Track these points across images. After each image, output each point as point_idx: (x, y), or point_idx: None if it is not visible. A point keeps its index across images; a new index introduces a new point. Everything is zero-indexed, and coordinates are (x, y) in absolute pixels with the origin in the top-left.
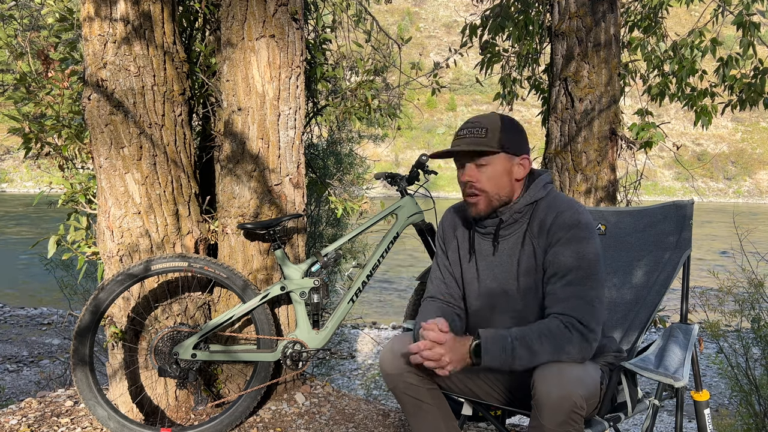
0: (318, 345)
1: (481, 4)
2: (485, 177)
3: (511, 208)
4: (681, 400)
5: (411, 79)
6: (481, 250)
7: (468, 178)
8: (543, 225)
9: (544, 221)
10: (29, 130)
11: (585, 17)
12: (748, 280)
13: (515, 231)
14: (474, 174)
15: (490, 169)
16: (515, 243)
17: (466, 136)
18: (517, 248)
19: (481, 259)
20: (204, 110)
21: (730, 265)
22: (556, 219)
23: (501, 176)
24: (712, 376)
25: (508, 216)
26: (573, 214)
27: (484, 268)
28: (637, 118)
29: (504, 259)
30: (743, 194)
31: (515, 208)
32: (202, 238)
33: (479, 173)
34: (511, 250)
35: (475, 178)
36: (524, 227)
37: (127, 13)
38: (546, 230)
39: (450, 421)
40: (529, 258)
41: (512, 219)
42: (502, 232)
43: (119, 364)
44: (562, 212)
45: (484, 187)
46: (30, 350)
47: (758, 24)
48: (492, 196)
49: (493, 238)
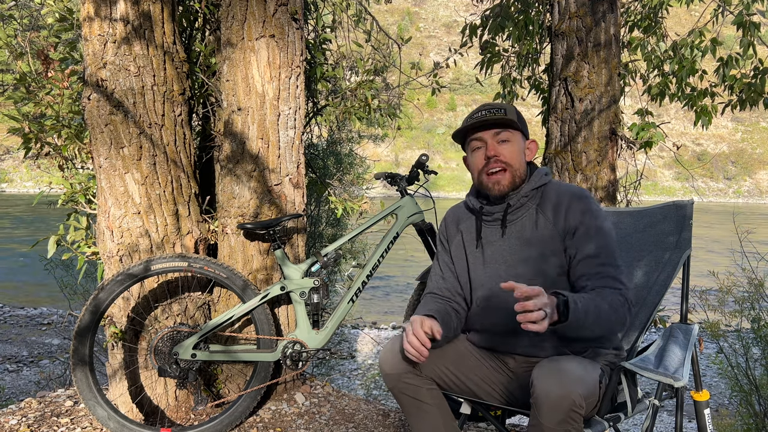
0: (318, 345)
1: (481, 4)
2: (507, 151)
3: (518, 193)
4: (681, 400)
5: (411, 79)
6: (488, 237)
7: (494, 150)
8: (558, 210)
9: (559, 206)
10: (29, 130)
11: (585, 17)
12: (748, 280)
13: (522, 215)
14: (497, 148)
15: (512, 145)
16: (524, 228)
17: (486, 115)
18: (526, 233)
19: (488, 246)
20: (204, 110)
21: (730, 265)
22: (574, 204)
23: (520, 153)
24: (712, 376)
25: (516, 200)
26: (587, 199)
27: (492, 254)
28: (637, 118)
29: (513, 243)
30: (743, 194)
31: (522, 193)
32: (202, 238)
33: (502, 147)
34: (519, 234)
35: (499, 152)
36: (532, 212)
37: (127, 13)
38: (563, 215)
39: (450, 421)
40: (541, 243)
41: (519, 203)
42: (509, 217)
43: (119, 364)
44: (577, 197)
45: (509, 160)
46: (30, 350)
47: (758, 24)
48: (515, 172)
49: (501, 223)
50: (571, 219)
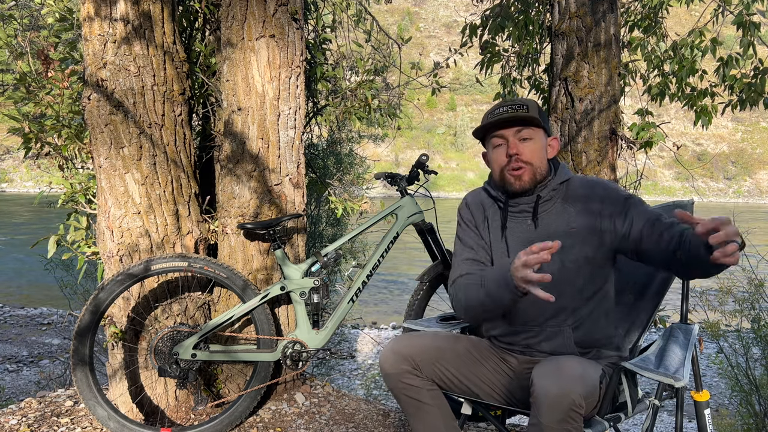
0: (318, 345)
1: (481, 4)
2: (529, 149)
3: (547, 185)
4: (681, 400)
5: (411, 79)
6: (513, 229)
7: (515, 149)
8: (591, 200)
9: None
10: (29, 130)
11: (585, 17)
12: (748, 280)
13: (549, 209)
14: (519, 147)
15: (534, 143)
16: (550, 220)
17: (509, 112)
18: (554, 224)
19: (512, 237)
20: (204, 110)
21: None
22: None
23: (541, 150)
24: (712, 376)
25: (546, 193)
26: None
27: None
28: (637, 118)
29: (541, 234)
30: (743, 194)
31: (551, 186)
32: (202, 238)
33: (523, 146)
34: (546, 226)
35: (521, 150)
36: (559, 205)
37: (127, 12)
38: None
39: (450, 421)
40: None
41: (548, 196)
42: (540, 209)
43: (119, 364)
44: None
45: (530, 159)
46: (30, 350)
47: (758, 24)
48: (536, 169)
49: (532, 215)
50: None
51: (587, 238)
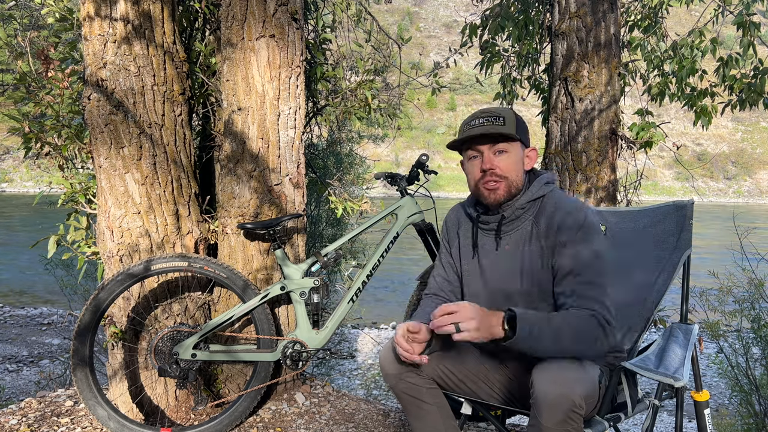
0: (318, 345)
1: (481, 4)
2: (504, 164)
3: (513, 204)
4: (681, 400)
5: (411, 79)
6: (484, 246)
7: (489, 164)
8: (551, 224)
9: (552, 220)
10: (29, 130)
11: (585, 17)
12: (749, 280)
13: (518, 227)
14: (494, 160)
15: (509, 156)
16: (519, 240)
17: (484, 124)
18: (521, 246)
19: (484, 256)
20: (204, 110)
21: (730, 265)
22: (565, 219)
23: (517, 163)
24: (712, 376)
25: (510, 212)
26: (581, 215)
27: (487, 264)
28: (637, 118)
29: (507, 255)
30: (743, 194)
31: (517, 205)
32: (202, 238)
33: (498, 160)
34: (514, 247)
35: (495, 165)
36: (529, 225)
37: (127, 12)
38: (555, 230)
39: (450, 421)
40: (534, 257)
41: (514, 215)
42: (504, 228)
43: (119, 364)
44: (569, 213)
45: (505, 173)
46: (30, 350)
47: (758, 24)
48: (511, 183)
49: (495, 234)
50: (561, 234)
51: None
